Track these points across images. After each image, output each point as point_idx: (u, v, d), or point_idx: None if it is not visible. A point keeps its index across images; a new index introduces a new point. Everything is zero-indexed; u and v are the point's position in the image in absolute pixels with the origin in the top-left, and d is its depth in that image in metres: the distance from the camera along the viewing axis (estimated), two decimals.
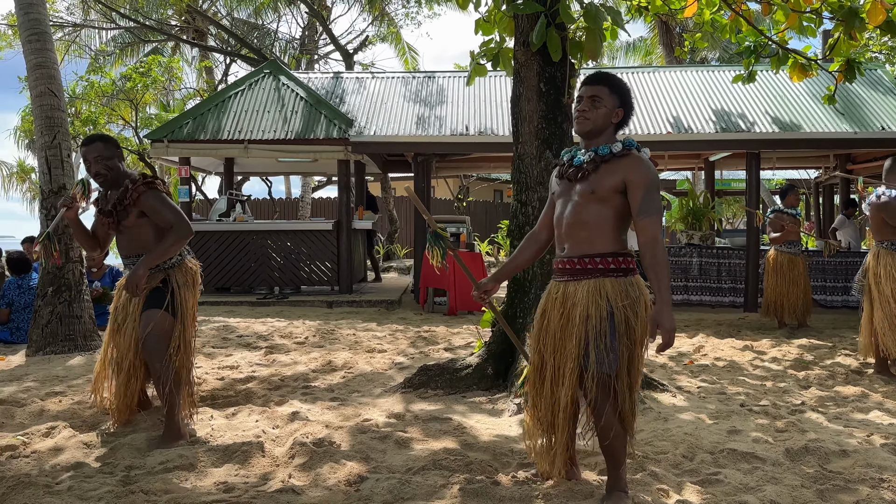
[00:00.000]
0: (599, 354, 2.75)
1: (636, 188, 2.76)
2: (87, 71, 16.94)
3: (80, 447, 3.60)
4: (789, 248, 7.75)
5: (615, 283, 2.79)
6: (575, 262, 2.85)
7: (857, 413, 4.47)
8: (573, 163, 2.93)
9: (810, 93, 10.87)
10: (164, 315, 3.66)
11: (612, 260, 2.81)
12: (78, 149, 17.13)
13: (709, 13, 6.46)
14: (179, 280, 3.74)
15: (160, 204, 3.66)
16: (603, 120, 2.86)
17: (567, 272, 2.89)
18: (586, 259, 2.83)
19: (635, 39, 24.94)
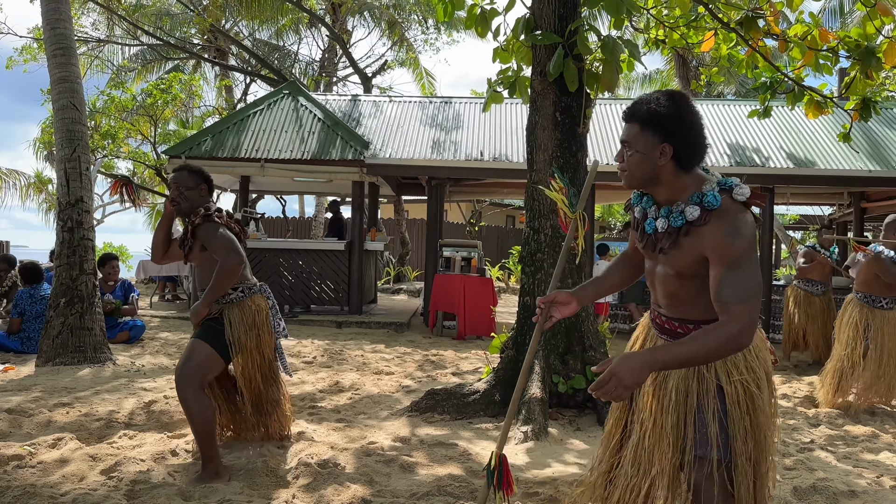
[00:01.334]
0: (700, 436, 2.20)
1: (714, 264, 2.06)
2: (109, 86, 17.22)
3: (85, 459, 3.61)
4: (807, 286, 7.62)
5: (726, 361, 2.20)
6: (675, 325, 2.26)
7: (866, 453, 4.41)
8: (646, 229, 2.27)
9: (826, 130, 10.87)
10: (206, 348, 3.54)
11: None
12: (95, 162, 17.30)
13: (725, 48, 6.51)
14: (234, 317, 3.59)
15: (211, 236, 3.55)
16: (640, 168, 2.16)
17: (665, 331, 2.31)
18: (689, 324, 2.22)
19: (651, 71, 25.08)
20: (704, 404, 2.20)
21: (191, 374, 3.45)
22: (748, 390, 2.19)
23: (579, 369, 5.07)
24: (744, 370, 2.19)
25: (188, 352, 3.53)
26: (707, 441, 2.19)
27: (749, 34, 5.83)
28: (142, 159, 16.47)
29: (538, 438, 4.35)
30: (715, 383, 2.20)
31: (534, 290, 5.23)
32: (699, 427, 2.21)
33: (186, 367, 3.47)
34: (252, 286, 3.71)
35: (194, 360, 3.50)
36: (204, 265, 3.65)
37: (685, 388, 2.24)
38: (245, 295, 3.65)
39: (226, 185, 13.61)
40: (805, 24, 5.75)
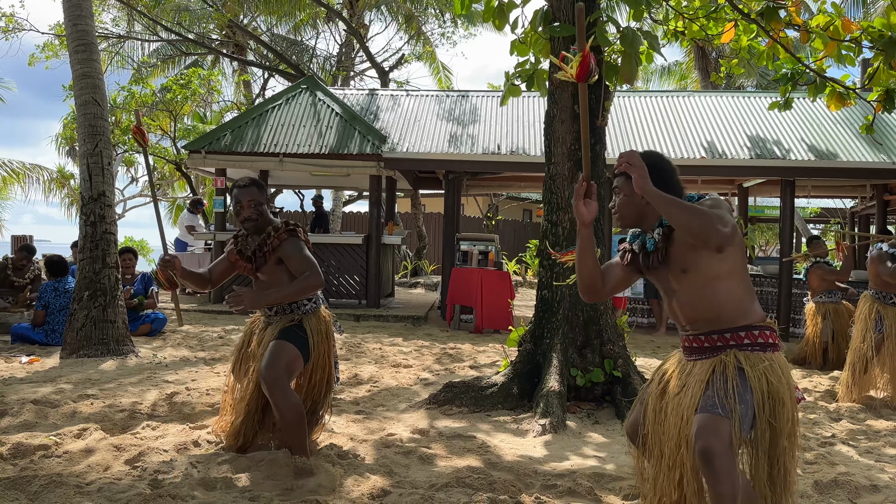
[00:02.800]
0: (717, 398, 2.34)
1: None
2: (129, 81, 17.38)
3: (110, 449, 3.67)
4: (830, 297, 7.30)
5: (749, 356, 2.41)
6: (703, 340, 2.50)
7: (889, 448, 4.37)
8: (647, 249, 2.60)
9: (847, 122, 10.73)
10: (293, 349, 3.52)
11: (746, 334, 2.44)
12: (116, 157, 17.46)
13: (746, 39, 6.44)
14: (314, 326, 3.63)
15: (297, 252, 3.57)
16: (628, 208, 2.62)
17: (694, 350, 2.54)
18: (714, 335, 2.47)
19: (671, 63, 24.86)
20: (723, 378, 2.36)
21: (281, 372, 3.44)
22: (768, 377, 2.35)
23: (598, 363, 5.06)
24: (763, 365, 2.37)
25: (275, 352, 3.49)
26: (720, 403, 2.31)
27: (770, 25, 5.76)
28: (162, 154, 16.62)
29: (556, 431, 4.36)
30: (735, 364, 2.37)
31: (551, 284, 5.23)
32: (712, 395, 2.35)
33: (276, 367, 3.44)
34: (320, 297, 3.76)
35: (284, 360, 3.48)
36: (272, 278, 3.63)
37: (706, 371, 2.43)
38: (317, 305, 3.71)
39: None
40: (827, 14, 5.68)
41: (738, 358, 2.40)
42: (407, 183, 13.27)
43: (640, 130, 10.95)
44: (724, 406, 2.31)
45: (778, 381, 2.36)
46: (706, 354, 2.48)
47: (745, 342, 2.43)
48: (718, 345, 2.46)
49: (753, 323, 2.46)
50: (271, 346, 3.54)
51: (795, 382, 2.46)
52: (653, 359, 7.50)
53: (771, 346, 2.45)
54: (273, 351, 3.51)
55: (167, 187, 24.04)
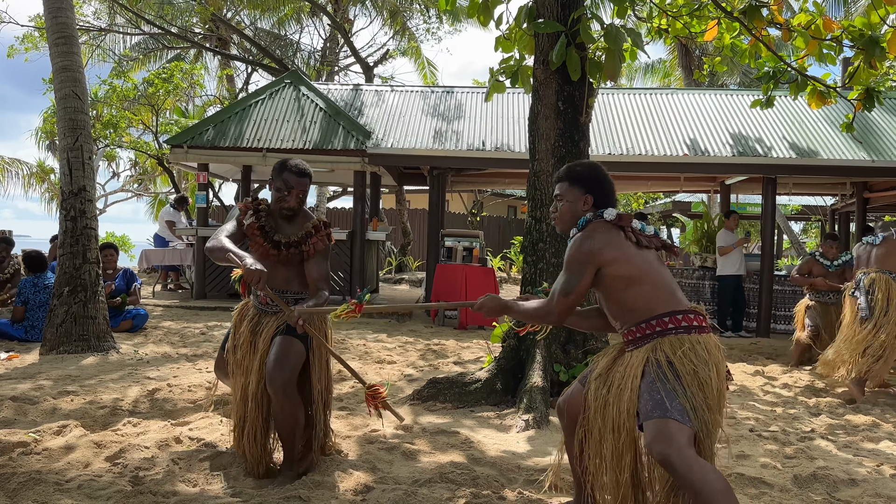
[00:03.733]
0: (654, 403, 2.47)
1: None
2: (110, 75, 17.19)
3: (90, 446, 3.63)
4: (818, 297, 7.25)
5: (673, 340, 2.56)
6: (634, 331, 2.67)
7: (867, 442, 4.43)
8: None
9: (828, 120, 10.84)
10: (300, 346, 3.37)
11: (670, 319, 2.58)
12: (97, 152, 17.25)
13: (729, 37, 6.48)
14: (317, 323, 3.44)
15: (324, 259, 3.47)
16: (569, 214, 2.82)
17: (629, 342, 2.71)
18: (643, 325, 2.64)
19: (654, 61, 24.97)
20: (656, 375, 2.51)
21: (288, 371, 3.28)
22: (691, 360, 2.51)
23: (580, 358, 5.09)
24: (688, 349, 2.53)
25: (284, 351, 3.31)
26: (664, 405, 2.44)
27: (752, 23, 5.80)
28: (143, 149, 16.46)
29: (539, 427, 4.38)
30: (665, 358, 2.52)
31: (536, 280, 5.25)
32: (651, 395, 2.48)
33: (286, 367, 3.28)
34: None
35: (293, 360, 3.31)
36: (290, 268, 3.45)
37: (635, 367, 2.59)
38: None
39: (228, 175, 13.61)
40: (809, 13, 5.73)
41: (664, 347, 2.54)
42: (391, 179, 13.24)
43: (624, 128, 11.00)
44: (662, 404, 2.44)
45: (701, 362, 2.49)
46: (639, 343, 2.63)
47: (669, 326, 2.57)
48: (647, 332, 2.60)
49: (676, 308, 2.60)
50: (280, 342, 3.33)
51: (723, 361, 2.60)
52: None
53: (696, 328, 2.58)
54: (282, 347, 3.31)
55: (149, 182, 23.83)
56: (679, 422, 2.40)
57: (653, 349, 2.56)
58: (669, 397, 2.44)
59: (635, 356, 2.62)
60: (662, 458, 2.36)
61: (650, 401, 2.47)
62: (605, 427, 2.66)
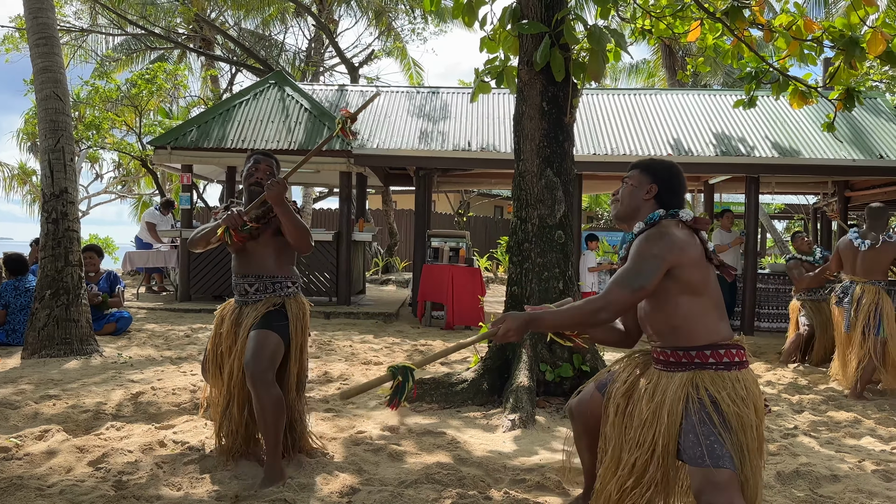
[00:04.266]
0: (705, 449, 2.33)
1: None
2: (93, 76, 17.04)
3: (73, 451, 3.60)
4: (810, 295, 7.29)
5: (715, 377, 2.41)
6: (668, 354, 2.52)
7: (849, 438, 4.48)
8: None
9: (810, 119, 10.95)
10: (276, 338, 3.37)
11: (711, 353, 2.43)
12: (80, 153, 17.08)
13: (711, 38, 6.53)
14: (294, 312, 3.48)
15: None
16: (630, 198, 2.64)
17: (660, 362, 2.56)
18: (680, 352, 2.48)
19: (638, 61, 25.11)
20: (703, 416, 2.35)
21: (267, 366, 3.28)
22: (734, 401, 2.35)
23: (566, 358, 5.11)
24: (731, 389, 2.38)
25: (259, 343, 3.31)
26: (714, 452, 2.30)
27: (734, 24, 5.85)
28: (127, 150, 16.33)
29: (525, 426, 4.38)
30: (709, 398, 2.36)
31: (521, 280, 5.26)
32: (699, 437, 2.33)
33: (261, 360, 3.27)
34: (300, 283, 3.63)
35: (268, 351, 3.31)
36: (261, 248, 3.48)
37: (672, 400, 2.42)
38: (298, 290, 3.58)
39: (212, 176, 13.54)
40: (790, 14, 5.78)
41: (705, 383, 2.40)
42: (377, 179, 13.21)
43: (608, 128, 11.04)
44: (710, 450, 2.31)
45: (743, 403, 2.37)
46: (671, 368, 2.49)
47: (710, 361, 2.42)
48: (683, 361, 2.46)
49: (718, 342, 2.45)
50: (255, 335, 3.35)
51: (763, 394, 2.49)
52: (620, 353, 7.57)
53: (737, 364, 2.43)
54: (258, 340, 3.33)
55: (133, 184, 23.66)
56: (731, 471, 2.29)
57: (692, 383, 2.41)
58: (719, 443, 2.31)
59: (670, 384, 2.46)
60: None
61: (699, 445, 2.32)
62: (627, 446, 2.55)
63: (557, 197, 5.22)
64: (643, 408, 2.51)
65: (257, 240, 3.50)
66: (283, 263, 3.55)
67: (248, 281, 3.51)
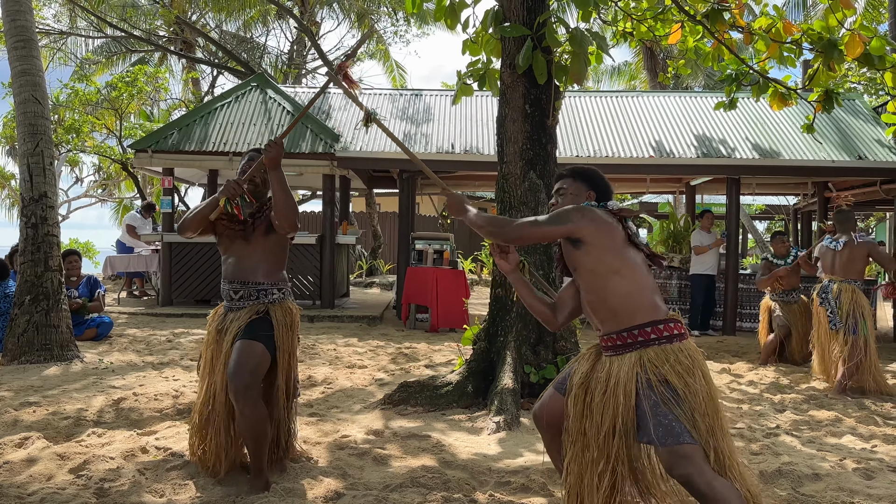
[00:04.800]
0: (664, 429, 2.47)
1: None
2: (72, 79, 16.86)
3: (53, 458, 3.55)
4: (781, 296, 7.37)
5: (659, 352, 2.55)
6: (614, 339, 2.64)
7: (830, 437, 4.53)
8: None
9: (790, 121, 11.06)
10: (260, 348, 3.30)
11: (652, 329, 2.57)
12: (59, 157, 16.89)
13: (692, 41, 6.58)
14: (280, 318, 3.40)
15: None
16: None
17: (609, 349, 2.68)
18: (624, 333, 2.61)
19: (620, 64, 25.28)
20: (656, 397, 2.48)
21: (248, 377, 3.22)
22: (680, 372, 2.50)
23: (551, 359, 5.12)
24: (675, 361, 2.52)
25: (242, 355, 3.25)
26: (673, 430, 2.45)
27: (715, 26, 5.90)
28: (107, 153, 16.18)
29: (510, 428, 4.39)
30: (657, 377, 2.50)
31: (505, 282, 5.26)
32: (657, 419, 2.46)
33: (244, 374, 3.21)
34: (288, 289, 3.55)
35: (251, 363, 3.25)
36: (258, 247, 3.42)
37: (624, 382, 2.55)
38: (285, 296, 3.50)
39: (193, 179, 13.45)
40: (769, 17, 5.85)
41: (651, 359, 2.52)
42: (361, 182, 13.19)
43: (590, 130, 11.10)
44: (666, 428, 2.45)
45: (689, 373, 2.50)
46: (619, 351, 2.61)
47: (651, 337, 2.56)
48: (629, 342, 2.58)
49: (656, 318, 2.58)
50: (238, 346, 3.29)
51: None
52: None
53: (678, 336, 2.58)
54: (240, 352, 3.26)
55: (113, 187, 23.42)
56: (691, 444, 2.43)
57: (639, 363, 2.53)
58: (676, 421, 2.44)
59: (619, 367, 2.58)
60: (685, 479, 2.41)
61: (659, 426, 2.46)
62: (589, 435, 2.63)
63: (541, 199, 5.24)
64: (598, 394, 2.62)
65: (248, 241, 3.43)
66: (272, 269, 3.46)
67: (233, 287, 3.44)
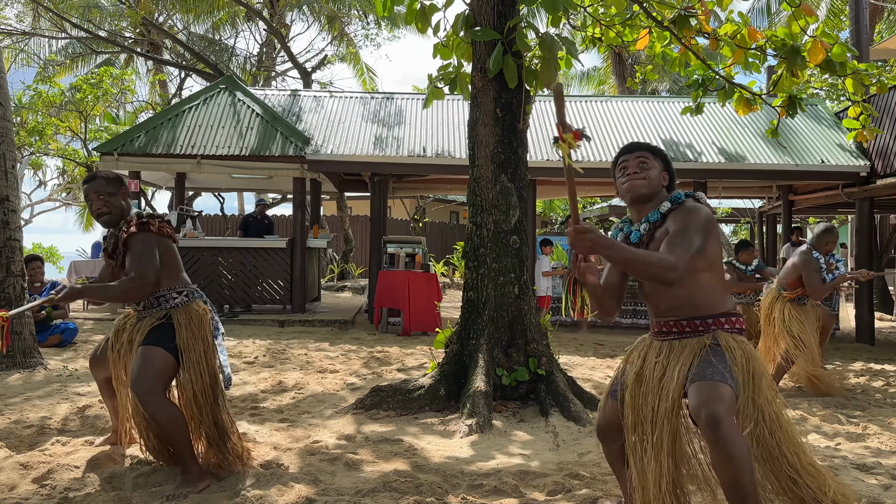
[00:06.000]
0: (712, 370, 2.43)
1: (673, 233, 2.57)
2: (35, 80, 16.54)
3: (16, 468, 3.47)
4: (740, 298, 7.52)
5: (728, 336, 2.56)
6: (683, 325, 2.62)
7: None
8: (630, 240, 2.76)
9: (755, 126, 11.27)
10: (161, 353, 3.31)
11: (725, 320, 2.59)
12: (22, 160, 16.55)
13: (659, 46, 6.67)
14: (182, 321, 3.40)
15: (135, 249, 3.32)
16: (656, 181, 2.72)
17: (672, 333, 2.64)
18: (696, 321, 2.59)
19: (589, 69, 25.55)
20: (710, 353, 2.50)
21: (148, 382, 3.22)
22: (746, 353, 2.52)
23: (522, 361, 5.14)
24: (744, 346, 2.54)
25: (143, 360, 3.28)
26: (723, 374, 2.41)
27: (682, 32, 5.99)
28: (72, 157, 15.88)
29: (482, 431, 4.39)
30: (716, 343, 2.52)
31: (477, 285, 5.27)
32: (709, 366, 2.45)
33: (145, 378, 3.23)
34: (193, 290, 3.55)
35: (153, 369, 3.26)
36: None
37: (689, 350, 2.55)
38: (189, 299, 3.48)
39: (161, 183, 13.26)
40: (735, 24, 5.95)
41: (718, 337, 2.55)
42: (332, 185, 13.12)
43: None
44: (720, 373, 2.42)
45: (755, 360, 2.53)
46: (685, 335, 2.61)
47: (724, 327, 2.59)
48: (700, 329, 2.59)
49: (730, 310, 2.63)
50: (139, 353, 3.33)
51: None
52: (575, 356, 7.67)
53: (740, 330, 2.62)
54: (140, 359, 3.29)
55: (78, 191, 23.00)
56: (733, 389, 2.39)
57: (711, 337, 2.54)
58: (730, 372, 2.43)
59: (685, 347, 2.57)
60: (712, 417, 2.29)
61: (707, 368, 2.44)
62: (648, 418, 2.57)
63: (512, 202, 5.26)
64: (655, 378, 2.59)
65: (123, 267, 3.43)
66: (162, 278, 3.43)
67: (133, 306, 3.54)
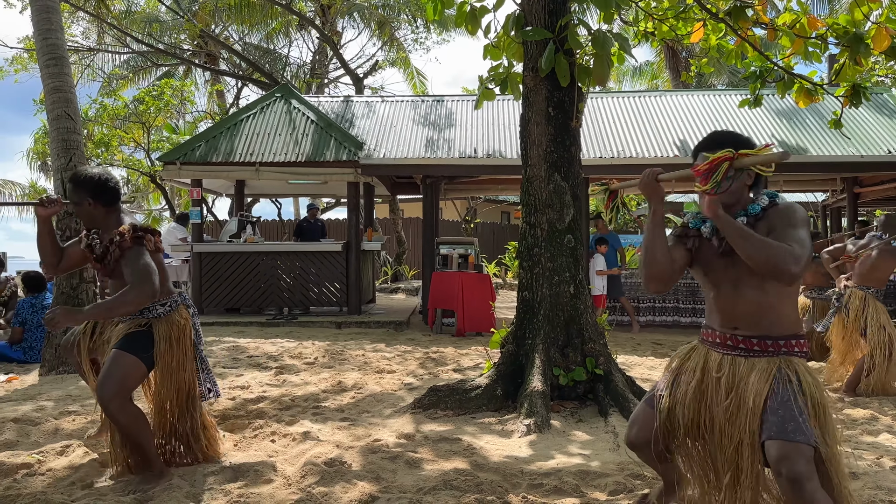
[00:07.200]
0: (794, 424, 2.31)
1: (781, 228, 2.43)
2: (100, 94, 17.21)
3: (94, 466, 3.64)
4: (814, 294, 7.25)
5: (800, 363, 2.45)
6: (753, 343, 2.48)
7: (866, 436, 4.47)
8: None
9: (817, 117, 10.93)
10: (129, 359, 3.38)
11: (796, 343, 2.47)
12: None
13: (715, 39, 6.55)
14: (162, 333, 3.47)
15: (132, 262, 3.33)
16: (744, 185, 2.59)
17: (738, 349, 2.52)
18: (768, 341, 2.47)
19: (642, 64, 25.16)
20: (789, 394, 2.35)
21: (114, 387, 3.31)
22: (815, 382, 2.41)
23: (579, 361, 5.11)
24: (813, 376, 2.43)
25: (111, 365, 3.36)
26: (803, 429, 2.29)
27: (738, 24, 5.87)
28: (136, 166, 16.48)
29: (541, 431, 4.40)
30: (797, 378, 2.39)
31: (532, 285, 5.27)
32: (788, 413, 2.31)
33: (109, 382, 3.31)
34: (176, 299, 3.58)
35: (118, 374, 3.33)
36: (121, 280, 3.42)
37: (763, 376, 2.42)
38: (171, 309, 3.53)
39: (221, 190, 13.63)
40: (793, 13, 5.80)
41: (794, 365, 2.43)
42: (385, 188, 13.27)
43: (614, 131, 11.06)
44: (802, 430, 2.30)
45: (820, 389, 2.41)
46: (753, 354, 2.48)
47: (794, 350, 2.47)
48: (771, 350, 2.46)
49: (798, 332, 2.50)
50: (110, 356, 3.39)
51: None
52: (633, 356, 7.58)
53: (807, 354, 2.51)
54: (109, 363, 3.36)
55: (142, 199, 23.82)
56: (815, 446, 2.30)
57: (778, 366, 2.42)
58: (807, 423, 2.31)
59: (753, 368, 2.45)
60: (795, 478, 2.22)
61: (791, 421, 2.30)
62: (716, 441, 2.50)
63: (566, 201, 5.25)
64: (720, 394, 2.49)
65: (111, 276, 3.50)
66: None
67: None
